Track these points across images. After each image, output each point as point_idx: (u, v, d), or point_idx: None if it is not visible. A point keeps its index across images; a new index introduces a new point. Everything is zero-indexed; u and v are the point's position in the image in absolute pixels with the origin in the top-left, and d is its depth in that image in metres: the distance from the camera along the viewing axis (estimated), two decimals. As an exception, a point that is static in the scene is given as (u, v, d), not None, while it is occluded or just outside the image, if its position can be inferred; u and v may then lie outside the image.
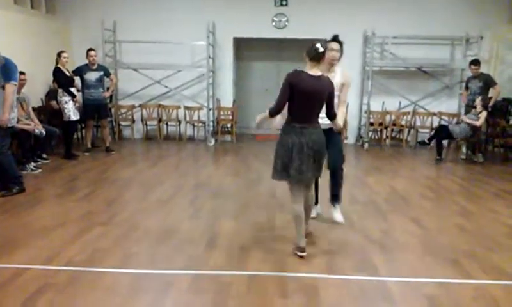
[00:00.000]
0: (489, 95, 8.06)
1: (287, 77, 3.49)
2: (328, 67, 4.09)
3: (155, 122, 9.74)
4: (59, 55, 7.29)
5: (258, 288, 3.19)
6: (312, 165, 3.60)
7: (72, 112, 7.34)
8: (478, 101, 7.59)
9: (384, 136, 9.58)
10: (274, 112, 3.55)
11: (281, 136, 3.65)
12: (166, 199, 5.35)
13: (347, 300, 3.09)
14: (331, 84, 3.66)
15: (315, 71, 3.53)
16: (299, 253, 3.70)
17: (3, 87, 5.04)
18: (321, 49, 3.50)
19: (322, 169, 3.79)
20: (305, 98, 3.49)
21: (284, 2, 9.59)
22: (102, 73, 7.93)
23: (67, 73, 7.40)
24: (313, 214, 4.42)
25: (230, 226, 4.45)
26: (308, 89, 3.47)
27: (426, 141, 8.24)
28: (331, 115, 3.83)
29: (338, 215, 4.45)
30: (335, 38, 4.17)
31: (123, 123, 9.90)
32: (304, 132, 3.54)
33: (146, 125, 9.81)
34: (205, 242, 4.01)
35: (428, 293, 3.16)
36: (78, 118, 7.55)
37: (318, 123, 3.67)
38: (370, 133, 9.68)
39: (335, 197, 4.46)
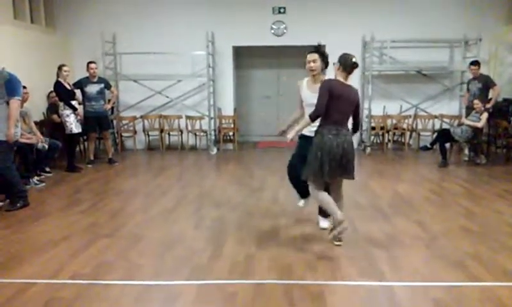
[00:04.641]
0: (489, 96, 8.08)
1: (325, 84, 3.81)
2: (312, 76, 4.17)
3: (157, 132, 9.78)
4: (59, 68, 7.32)
5: (264, 296, 3.18)
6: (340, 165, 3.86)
7: (73, 125, 7.37)
8: (476, 102, 7.62)
9: (386, 140, 9.58)
10: (314, 117, 3.83)
11: (319, 138, 3.86)
12: (169, 209, 5.35)
13: (354, 306, 3.08)
14: (357, 94, 3.99)
15: (344, 81, 3.88)
16: (340, 227, 3.83)
17: (7, 103, 5.08)
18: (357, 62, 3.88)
19: (351, 173, 3.98)
20: (340, 103, 3.81)
21: (282, 10, 9.64)
22: (102, 85, 7.96)
23: (68, 86, 7.44)
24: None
25: (234, 235, 4.44)
26: (341, 94, 3.80)
27: (428, 145, 8.23)
28: (357, 124, 4.16)
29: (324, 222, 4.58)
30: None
31: (125, 135, 9.93)
32: (339, 134, 3.82)
33: (148, 135, 9.85)
34: (209, 251, 4.01)
35: (435, 297, 3.14)
36: (80, 130, 7.57)
37: (348, 127, 3.97)
38: (372, 138, 9.69)
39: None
